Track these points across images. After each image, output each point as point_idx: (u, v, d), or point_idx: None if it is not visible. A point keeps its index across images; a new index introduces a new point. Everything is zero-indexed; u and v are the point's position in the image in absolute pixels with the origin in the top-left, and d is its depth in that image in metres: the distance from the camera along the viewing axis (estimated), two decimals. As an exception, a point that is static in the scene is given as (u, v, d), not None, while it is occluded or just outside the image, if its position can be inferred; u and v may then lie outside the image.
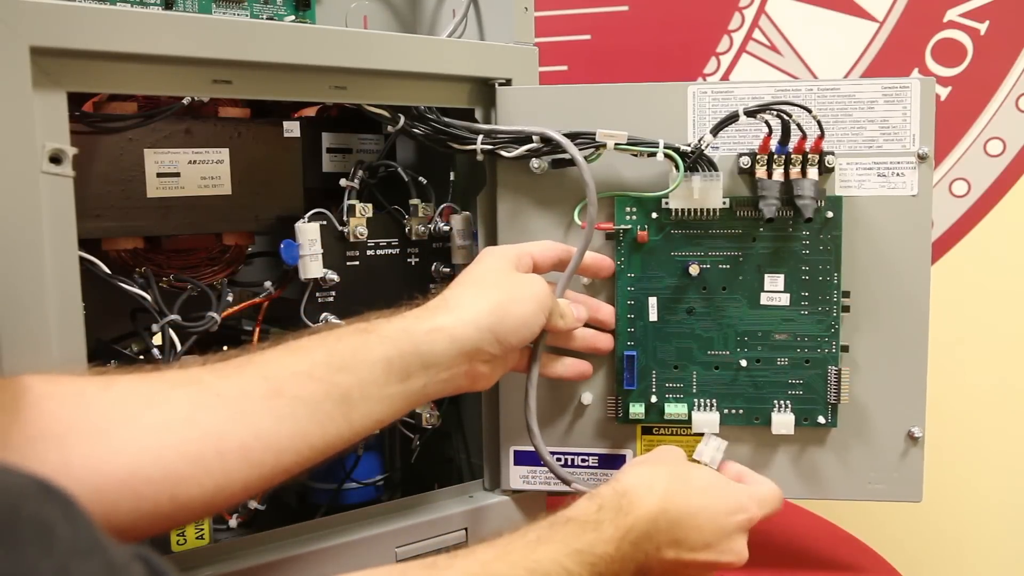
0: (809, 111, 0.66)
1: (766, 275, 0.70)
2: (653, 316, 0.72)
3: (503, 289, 0.62)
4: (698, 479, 0.61)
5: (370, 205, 0.76)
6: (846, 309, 0.70)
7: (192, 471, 0.47)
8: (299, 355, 0.54)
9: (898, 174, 0.69)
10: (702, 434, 0.71)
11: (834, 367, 0.70)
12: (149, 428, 0.47)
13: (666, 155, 0.69)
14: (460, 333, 0.58)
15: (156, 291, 0.68)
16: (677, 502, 0.57)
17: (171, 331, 0.66)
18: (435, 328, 0.58)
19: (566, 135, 0.69)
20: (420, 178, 0.80)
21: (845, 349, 0.71)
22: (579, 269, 0.70)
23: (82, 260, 0.59)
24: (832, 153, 0.69)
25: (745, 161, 0.69)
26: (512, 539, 0.52)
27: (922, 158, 0.69)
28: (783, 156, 0.68)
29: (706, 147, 0.68)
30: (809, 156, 0.68)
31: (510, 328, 0.60)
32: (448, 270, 0.80)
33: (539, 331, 0.64)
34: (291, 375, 0.53)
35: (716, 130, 0.68)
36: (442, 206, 0.79)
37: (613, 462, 0.74)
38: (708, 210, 0.70)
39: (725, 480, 0.63)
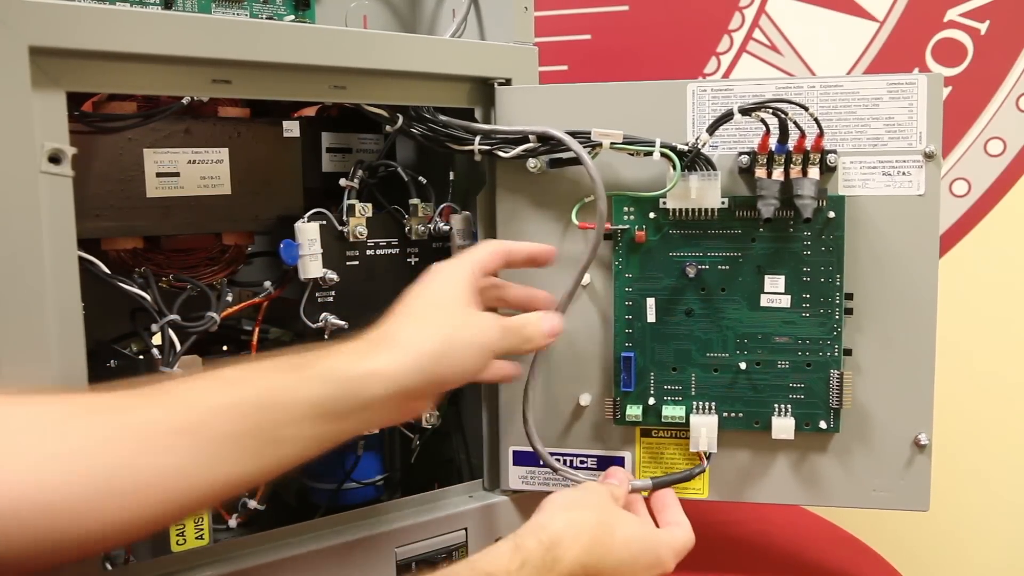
0: (806, 109, 0.65)
1: (766, 276, 0.70)
2: (651, 317, 0.72)
3: (447, 328, 0.57)
4: (623, 531, 0.60)
5: (370, 205, 0.76)
6: (849, 311, 0.69)
7: (87, 506, 0.45)
8: (224, 389, 0.51)
9: (904, 173, 0.68)
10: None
11: (836, 371, 0.69)
12: (44, 458, 0.45)
13: (662, 154, 0.68)
14: (396, 375, 0.54)
15: (156, 291, 0.68)
16: (599, 556, 0.58)
17: (171, 331, 0.66)
18: (371, 372, 0.54)
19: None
20: (420, 178, 0.80)
21: (848, 352, 0.70)
22: (522, 262, 0.68)
23: (81, 260, 0.59)
24: (834, 152, 0.68)
25: (744, 160, 0.69)
26: None
27: (929, 156, 0.68)
28: (783, 155, 0.67)
29: (703, 146, 0.68)
30: (810, 155, 0.67)
31: (447, 373, 0.57)
32: (448, 270, 0.80)
33: (480, 372, 0.60)
34: (212, 409, 0.50)
35: (712, 129, 0.67)
36: (442, 206, 0.79)
37: (612, 464, 0.74)
38: (707, 210, 0.70)
39: (649, 532, 0.63)
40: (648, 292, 0.72)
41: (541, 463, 0.72)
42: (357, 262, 0.75)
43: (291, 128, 0.76)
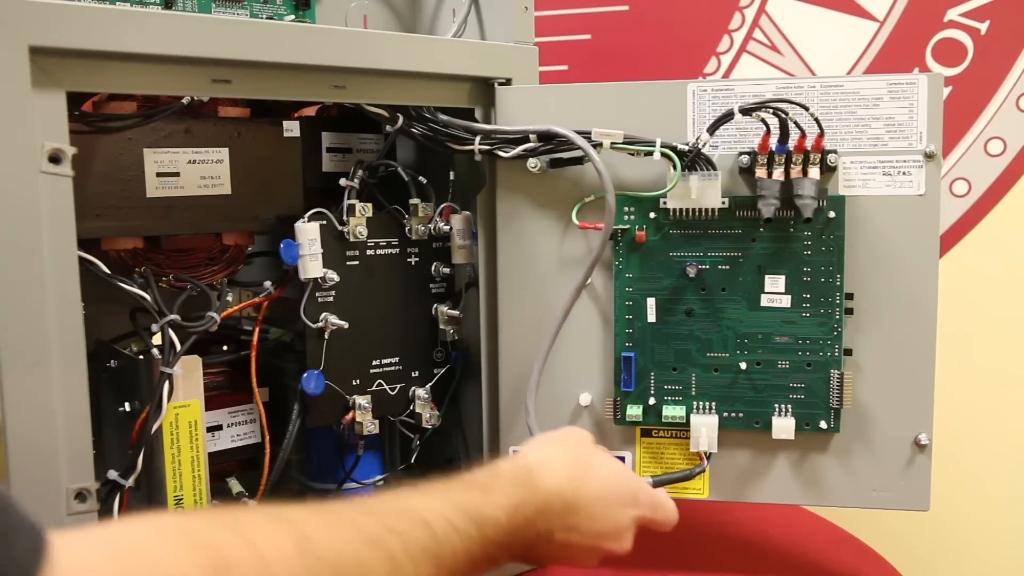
0: (806, 108, 0.65)
1: (766, 276, 0.70)
2: (652, 317, 0.71)
3: None
4: (600, 467, 0.60)
5: (370, 205, 0.76)
6: (849, 311, 0.69)
7: None
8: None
9: (904, 173, 0.68)
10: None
11: (836, 371, 0.69)
12: None
13: (663, 154, 0.68)
14: None
15: (156, 291, 0.68)
16: (576, 486, 0.57)
17: (171, 331, 0.66)
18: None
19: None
20: (420, 178, 0.80)
21: (848, 352, 0.70)
22: None
23: (81, 260, 0.59)
24: (835, 152, 0.68)
25: (745, 160, 0.69)
26: (394, 491, 0.50)
27: (929, 156, 0.68)
28: (783, 155, 0.67)
29: (703, 146, 0.68)
30: (811, 155, 0.67)
31: None
32: (448, 270, 0.80)
33: None
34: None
35: (712, 129, 0.67)
36: (442, 206, 0.79)
37: (612, 463, 0.74)
38: (707, 210, 0.70)
39: (626, 471, 0.63)
40: (648, 292, 0.72)
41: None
42: (357, 262, 0.75)
43: (291, 128, 0.76)
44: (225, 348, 0.77)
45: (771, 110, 0.65)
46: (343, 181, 0.76)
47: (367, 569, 0.44)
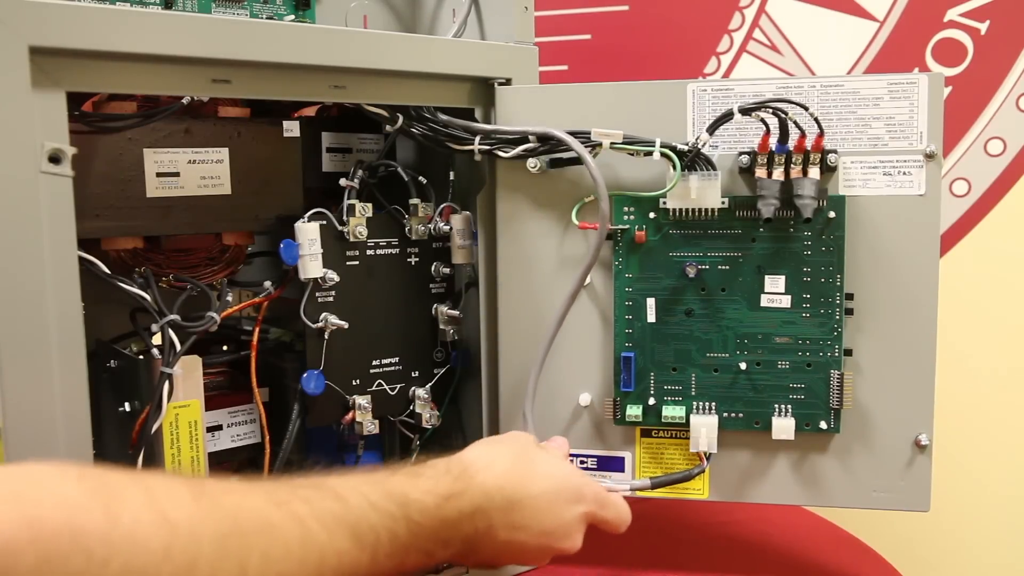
0: (806, 108, 0.65)
1: (766, 276, 0.70)
2: (651, 317, 0.71)
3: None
4: (542, 464, 0.59)
5: (370, 205, 0.76)
6: (850, 312, 0.69)
7: None
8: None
9: (905, 173, 0.68)
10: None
11: (837, 371, 0.69)
12: None
13: (662, 154, 0.68)
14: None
15: (156, 291, 0.68)
16: (517, 483, 0.56)
17: (171, 331, 0.66)
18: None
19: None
20: (420, 177, 0.80)
21: (848, 353, 0.70)
22: None
23: (81, 260, 0.59)
24: (835, 152, 0.68)
25: (744, 160, 0.69)
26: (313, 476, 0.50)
27: (930, 156, 0.68)
28: (783, 155, 0.67)
29: (703, 146, 0.68)
30: (810, 155, 0.67)
31: None
32: (448, 270, 0.80)
33: None
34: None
35: (712, 129, 0.67)
36: (442, 206, 0.79)
37: (612, 464, 0.74)
38: (707, 210, 0.70)
39: (570, 468, 0.62)
40: (648, 292, 0.72)
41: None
42: (357, 262, 0.75)
43: (291, 128, 0.76)
44: (225, 348, 0.77)
45: (771, 110, 0.66)
46: (343, 181, 0.76)
47: (271, 523, 0.43)
